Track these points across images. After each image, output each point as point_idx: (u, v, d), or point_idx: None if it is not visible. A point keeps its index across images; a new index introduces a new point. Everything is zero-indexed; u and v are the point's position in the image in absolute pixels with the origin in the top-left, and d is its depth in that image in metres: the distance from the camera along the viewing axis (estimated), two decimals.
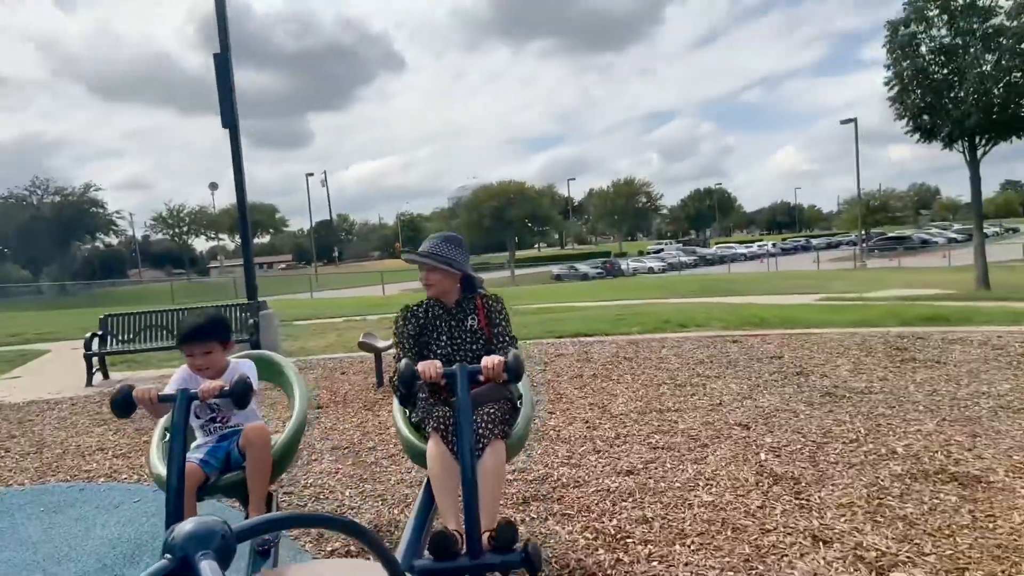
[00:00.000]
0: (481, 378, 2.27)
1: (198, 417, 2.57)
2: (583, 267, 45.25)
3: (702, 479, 3.37)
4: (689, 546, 2.66)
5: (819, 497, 3.04)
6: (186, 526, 0.92)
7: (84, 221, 54.60)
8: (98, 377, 7.73)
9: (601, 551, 2.67)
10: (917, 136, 15.71)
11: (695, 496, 3.16)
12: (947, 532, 2.62)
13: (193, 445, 2.54)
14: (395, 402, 2.69)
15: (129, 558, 2.93)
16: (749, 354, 6.68)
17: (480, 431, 2.23)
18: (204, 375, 2.47)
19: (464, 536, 2.07)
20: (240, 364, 2.57)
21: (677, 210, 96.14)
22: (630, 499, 3.18)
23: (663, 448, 3.91)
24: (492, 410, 2.36)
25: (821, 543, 2.60)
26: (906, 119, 15.63)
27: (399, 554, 2.07)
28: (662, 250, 62.23)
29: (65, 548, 3.10)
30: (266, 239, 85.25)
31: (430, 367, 2.22)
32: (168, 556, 0.87)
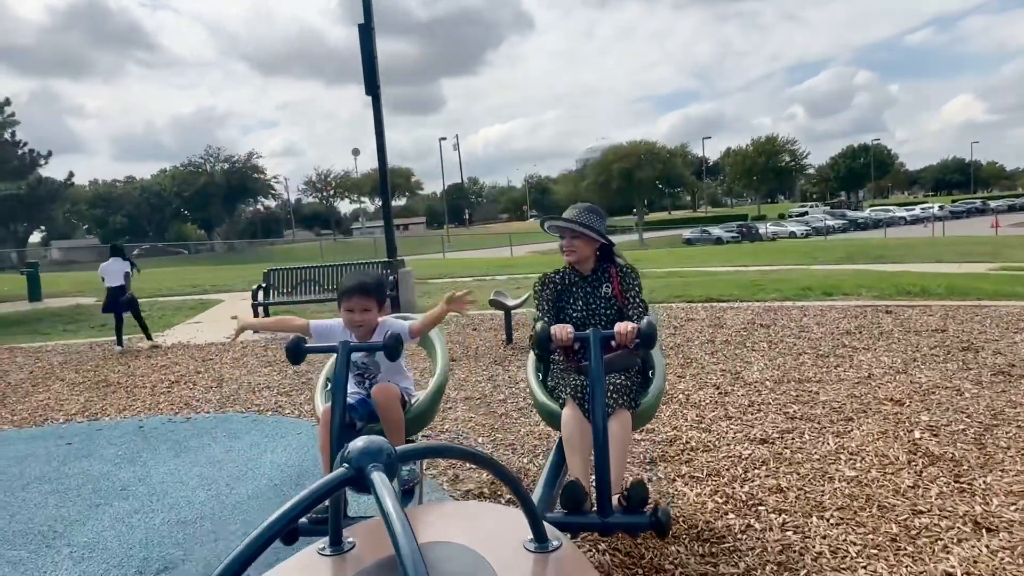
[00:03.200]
0: (614, 343, 2.31)
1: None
2: (716, 231, 43.13)
3: (845, 453, 3.18)
4: (828, 519, 2.54)
5: (984, 482, 2.77)
6: (359, 443, 1.08)
7: (248, 185, 61.36)
8: None
9: (731, 515, 2.63)
10: None
11: (836, 470, 2.99)
12: None
13: (349, 392, 2.78)
14: (529, 367, 2.80)
15: (295, 480, 3.33)
16: (905, 326, 6.10)
17: (607, 399, 2.27)
18: (357, 332, 2.62)
19: (594, 496, 2.14)
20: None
21: (825, 169, 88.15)
22: (763, 467, 3.08)
23: (801, 419, 3.72)
24: (621, 380, 2.40)
25: (984, 530, 2.38)
26: None
27: None
28: (806, 213, 57.50)
29: (243, 468, 3.58)
30: (402, 201, 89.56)
31: (561, 331, 2.33)
32: (346, 465, 1.03)
